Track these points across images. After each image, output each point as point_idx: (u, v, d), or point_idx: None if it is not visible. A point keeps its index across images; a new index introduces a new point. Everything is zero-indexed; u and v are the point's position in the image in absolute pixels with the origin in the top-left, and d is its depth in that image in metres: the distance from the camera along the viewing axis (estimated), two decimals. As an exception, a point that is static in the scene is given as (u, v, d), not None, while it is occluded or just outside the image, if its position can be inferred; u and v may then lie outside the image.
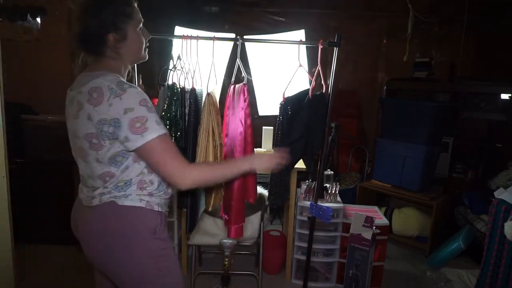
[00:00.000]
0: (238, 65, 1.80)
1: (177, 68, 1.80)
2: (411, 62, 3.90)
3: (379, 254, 2.52)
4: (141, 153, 1.14)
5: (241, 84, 1.74)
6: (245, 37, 1.83)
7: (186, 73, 1.80)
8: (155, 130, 1.11)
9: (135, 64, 1.55)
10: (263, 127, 3.19)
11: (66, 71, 2.81)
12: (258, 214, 2.38)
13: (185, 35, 1.75)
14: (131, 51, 1.25)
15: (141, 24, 1.26)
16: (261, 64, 2.22)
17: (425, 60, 3.88)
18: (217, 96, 1.92)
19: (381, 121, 3.77)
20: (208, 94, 1.71)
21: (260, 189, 2.47)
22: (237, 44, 1.78)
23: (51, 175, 2.95)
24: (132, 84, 1.15)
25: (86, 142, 1.15)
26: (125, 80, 1.18)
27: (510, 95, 3.47)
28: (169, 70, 1.82)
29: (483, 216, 2.90)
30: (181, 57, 1.78)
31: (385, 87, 4.23)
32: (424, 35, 4.20)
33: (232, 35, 2.02)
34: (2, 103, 1.68)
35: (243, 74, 1.77)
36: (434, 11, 3.63)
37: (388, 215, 3.32)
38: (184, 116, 1.80)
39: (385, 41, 4.32)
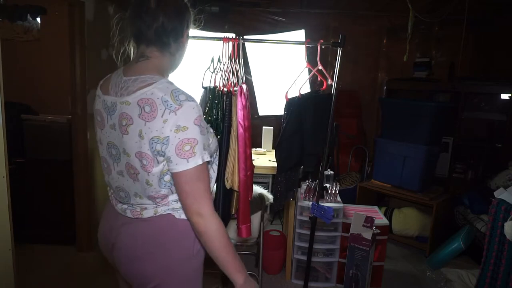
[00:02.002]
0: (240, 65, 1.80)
1: (217, 71, 1.78)
2: (411, 62, 3.91)
3: (379, 254, 2.52)
4: (176, 177, 1.02)
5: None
6: (248, 37, 1.83)
7: (223, 75, 1.77)
8: (200, 157, 1.01)
9: None
10: (263, 127, 3.19)
11: (66, 71, 2.81)
12: (258, 214, 2.38)
13: (226, 37, 1.75)
14: (186, 51, 1.21)
15: None
16: (261, 63, 2.22)
17: (425, 60, 3.89)
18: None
19: (381, 121, 3.77)
20: (234, 95, 1.69)
21: (260, 189, 2.47)
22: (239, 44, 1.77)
23: (50, 175, 2.95)
24: (188, 94, 1.02)
25: (137, 161, 1.04)
26: (176, 85, 1.07)
27: (510, 95, 3.48)
28: (210, 73, 1.80)
29: (483, 216, 2.89)
30: (221, 60, 1.77)
31: (385, 87, 4.23)
32: (424, 35, 4.20)
33: (232, 35, 2.02)
34: (2, 103, 1.68)
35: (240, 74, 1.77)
36: (434, 11, 3.63)
37: (388, 215, 3.33)
38: (224, 120, 1.73)
39: (385, 41, 4.32)
